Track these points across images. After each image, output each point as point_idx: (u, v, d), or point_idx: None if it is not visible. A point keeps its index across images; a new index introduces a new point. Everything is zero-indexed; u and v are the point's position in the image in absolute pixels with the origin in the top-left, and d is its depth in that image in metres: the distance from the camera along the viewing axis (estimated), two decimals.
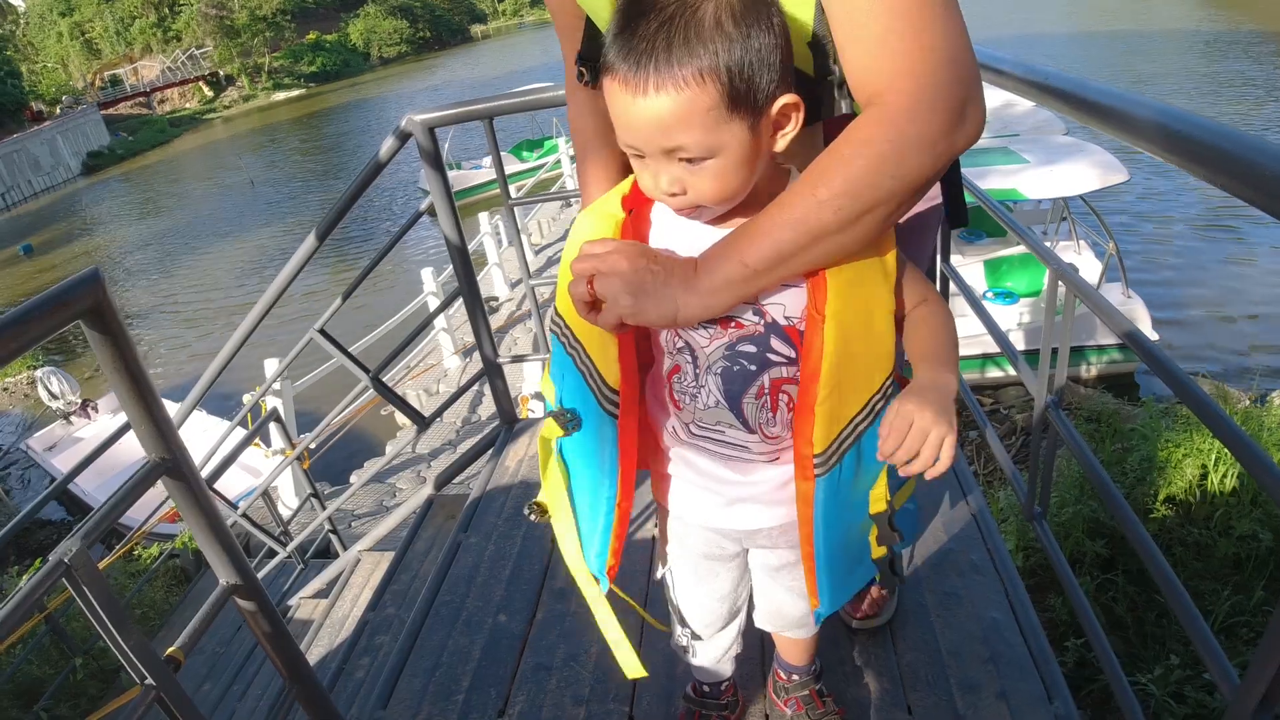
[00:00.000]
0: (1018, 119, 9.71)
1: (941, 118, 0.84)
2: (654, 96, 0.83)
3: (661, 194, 0.92)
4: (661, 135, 0.86)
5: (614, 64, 0.85)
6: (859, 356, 0.97)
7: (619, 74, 0.85)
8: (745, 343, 1.00)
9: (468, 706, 1.80)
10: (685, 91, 0.83)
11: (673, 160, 0.88)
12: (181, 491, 1.26)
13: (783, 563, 1.25)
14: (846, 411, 1.00)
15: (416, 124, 2.45)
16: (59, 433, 10.59)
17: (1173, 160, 0.99)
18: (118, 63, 55.62)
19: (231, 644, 4.23)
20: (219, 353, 3.06)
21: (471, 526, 2.42)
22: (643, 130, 0.87)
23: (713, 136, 0.86)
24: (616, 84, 0.86)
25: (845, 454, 1.02)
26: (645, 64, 0.83)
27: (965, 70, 0.85)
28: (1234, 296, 9.97)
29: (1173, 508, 4.25)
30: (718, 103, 0.84)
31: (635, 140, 0.89)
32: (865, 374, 0.99)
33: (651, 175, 0.91)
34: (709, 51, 0.82)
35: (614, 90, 0.87)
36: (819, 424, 0.99)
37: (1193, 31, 27.44)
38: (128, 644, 1.14)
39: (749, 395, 1.03)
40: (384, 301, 12.97)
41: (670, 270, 0.92)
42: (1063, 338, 1.82)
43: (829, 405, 0.98)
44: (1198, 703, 3.11)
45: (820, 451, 1.01)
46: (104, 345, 1.12)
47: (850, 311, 0.94)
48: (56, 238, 26.81)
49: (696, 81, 0.82)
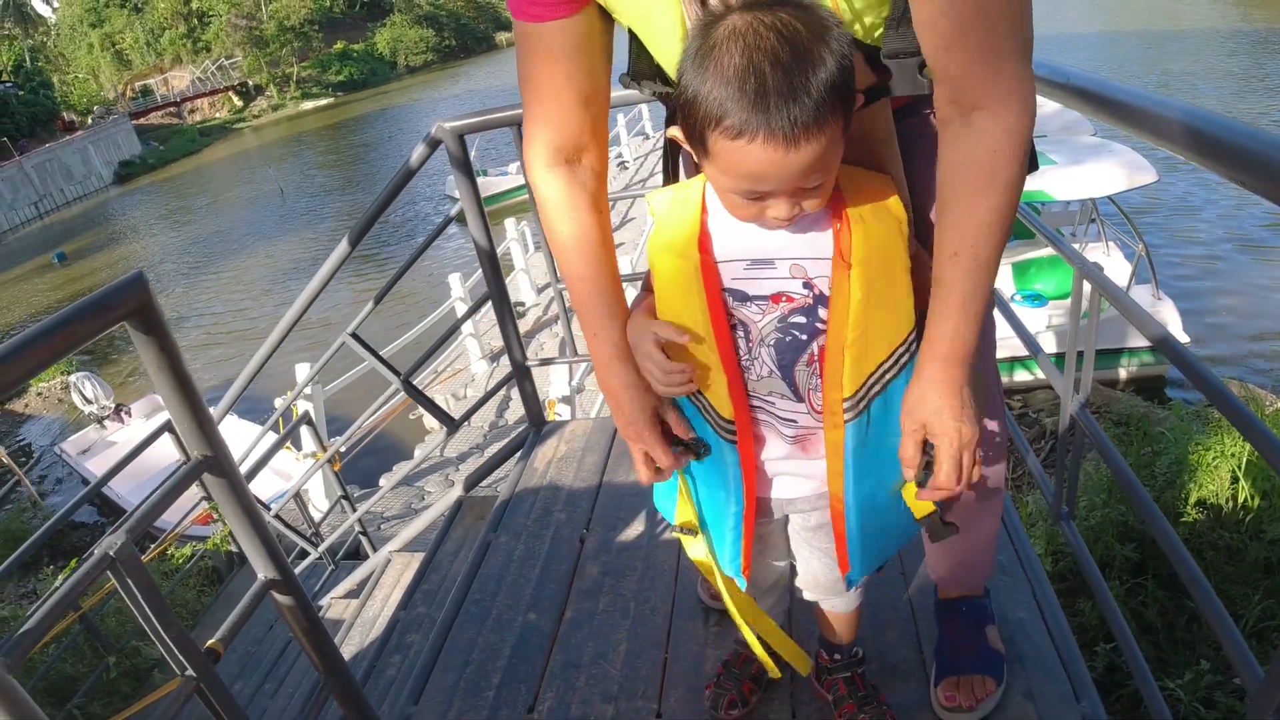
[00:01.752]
0: (1045, 120, 9.62)
1: (1032, 112, 0.94)
2: (805, 147, 0.86)
3: (774, 221, 0.96)
4: (804, 179, 0.90)
5: (754, 125, 0.86)
6: (883, 304, 1.03)
7: (759, 134, 0.86)
8: (796, 314, 1.06)
9: (498, 703, 1.82)
10: (827, 132, 0.87)
11: (799, 192, 0.93)
12: (222, 488, 1.30)
13: (817, 524, 1.29)
14: (875, 356, 1.06)
15: (446, 131, 2.48)
16: (93, 437, 10.76)
17: (1196, 160, 1.00)
18: (148, 73, 56.36)
19: (263, 644, 4.29)
20: (252, 358, 3.12)
21: (501, 526, 2.45)
22: (790, 179, 0.90)
23: (836, 159, 0.92)
24: (758, 144, 0.86)
25: (873, 401, 1.08)
26: (794, 117, 0.85)
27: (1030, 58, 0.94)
28: (1266, 302, 9.84)
29: (1203, 511, 4.21)
30: (841, 130, 0.90)
31: (775, 187, 0.92)
32: (892, 322, 1.06)
33: (762, 209, 0.95)
34: (827, 85, 0.85)
35: (753, 150, 0.87)
36: (848, 366, 1.05)
37: (1229, 31, 27.11)
38: (169, 635, 1.17)
39: (800, 364, 1.09)
40: (409, 311, 13.08)
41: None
42: (1089, 338, 1.82)
43: (857, 349, 1.04)
44: (1228, 708, 3.08)
45: (849, 395, 1.07)
46: (149, 346, 1.15)
47: (874, 260, 1.00)
48: (89, 246, 27.21)
49: (832, 121, 0.87)
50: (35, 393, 14.17)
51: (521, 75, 1.14)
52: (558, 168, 1.16)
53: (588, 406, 8.03)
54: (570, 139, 1.15)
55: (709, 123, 0.89)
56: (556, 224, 1.17)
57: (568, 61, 1.10)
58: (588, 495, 2.52)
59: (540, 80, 1.12)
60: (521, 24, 1.09)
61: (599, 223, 1.18)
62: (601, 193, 1.19)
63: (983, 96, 0.93)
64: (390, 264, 16.73)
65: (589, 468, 2.66)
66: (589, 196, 1.17)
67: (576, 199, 1.16)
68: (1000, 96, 0.92)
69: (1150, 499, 1.53)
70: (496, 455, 2.97)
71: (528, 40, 1.10)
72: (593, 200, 1.17)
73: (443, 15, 67.97)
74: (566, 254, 1.18)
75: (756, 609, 1.40)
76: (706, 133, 0.90)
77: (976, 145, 0.95)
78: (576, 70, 1.10)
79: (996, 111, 0.93)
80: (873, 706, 1.54)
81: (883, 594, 1.86)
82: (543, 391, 4.05)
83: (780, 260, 1.04)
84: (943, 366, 1.03)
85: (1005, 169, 0.95)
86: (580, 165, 1.17)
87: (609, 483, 2.56)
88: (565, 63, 1.10)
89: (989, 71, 0.91)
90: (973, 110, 0.94)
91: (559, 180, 1.16)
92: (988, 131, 0.94)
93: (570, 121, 1.13)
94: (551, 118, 1.13)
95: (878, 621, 1.80)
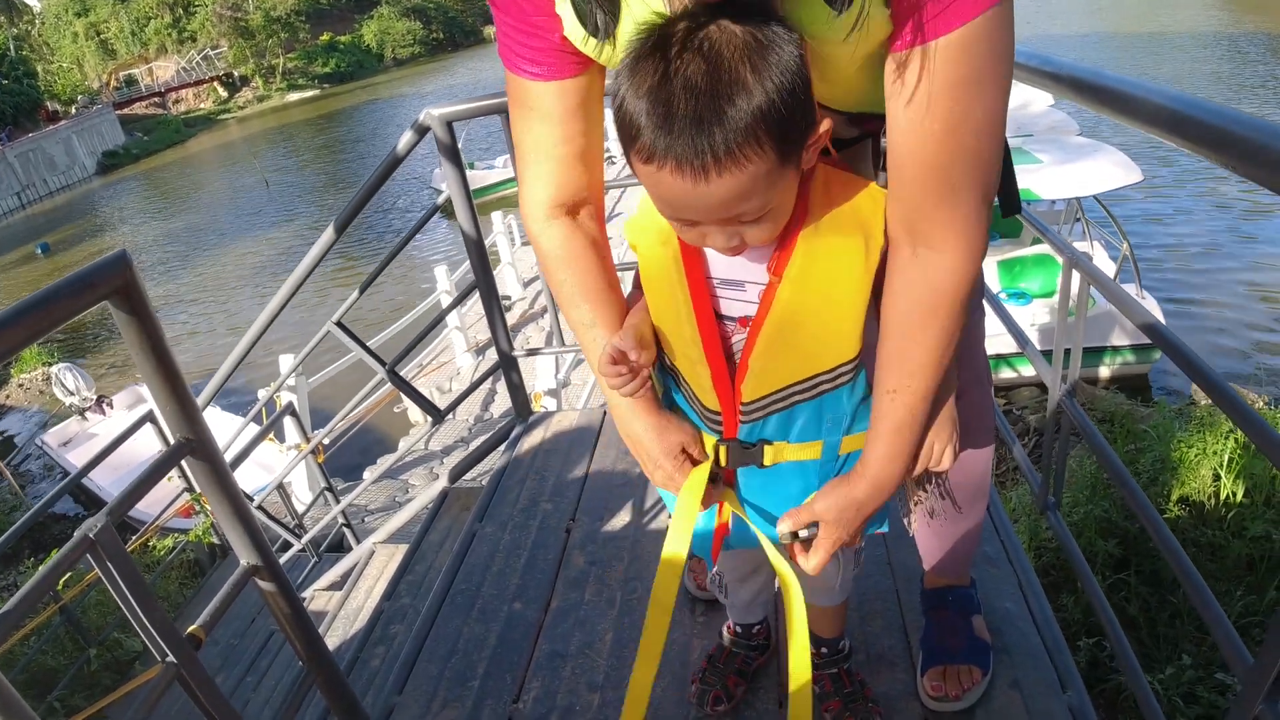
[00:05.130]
0: (1032, 119, 9.68)
1: (980, 255, 0.95)
2: (717, 181, 0.81)
3: (716, 249, 0.94)
4: (724, 210, 0.85)
5: (660, 151, 0.81)
6: (812, 330, 1.00)
7: (668, 162, 0.81)
8: None
9: (483, 692, 1.81)
10: (749, 167, 0.81)
11: (730, 222, 0.88)
12: (205, 472, 1.28)
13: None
14: (783, 375, 1.04)
15: (435, 118, 2.47)
16: (74, 428, 10.68)
17: (1183, 144, 1.00)
18: (133, 63, 55.99)
19: (245, 636, 4.26)
20: (235, 348, 3.09)
21: (487, 516, 2.44)
22: (710, 210, 0.86)
23: (771, 193, 0.86)
24: (667, 172, 0.82)
25: (771, 415, 1.07)
26: (701, 148, 0.79)
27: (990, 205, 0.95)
28: (1247, 301, 9.93)
29: (1186, 508, 4.24)
30: (774, 164, 0.83)
31: (697, 217, 0.88)
32: (813, 350, 1.02)
33: (701, 235, 0.91)
34: (750, 114, 0.79)
35: (664, 178, 0.83)
36: (750, 376, 1.03)
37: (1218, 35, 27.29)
38: (151, 621, 1.16)
39: None
40: (393, 304, 13.04)
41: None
42: (1077, 329, 1.83)
43: (763, 361, 1.02)
44: (1210, 703, 3.10)
45: (748, 400, 1.06)
46: (131, 326, 1.13)
47: (809, 283, 0.97)
48: (72, 236, 27.02)
49: (756, 154, 0.81)
50: (16, 384, 14.05)
51: (516, 133, 1.09)
52: (558, 220, 1.12)
53: (574, 399, 8.02)
54: (569, 196, 1.11)
55: (628, 141, 0.84)
56: (559, 273, 1.14)
57: (567, 124, 1.05)
58: (574, 485, 2.51)
59: (536, 140, 1.07)
60: (517, 79, 1.04)
61: (603, 269, 1.14)
62: (603, 237, 1.16)
63: (932, 233, 0.91)
64: (377, 258, 16.65)
65: (575, 458, 2.65)
66: (591, 243, 1.13)
67: (578, 247, 1.12)
68: (951, 239, 0.91)
69: (1139, 488, 1.53)
70: (482, 446, 2.96)
71: (524, 98, 1.05)
72: (594, 246, 1.14)
73: (430, 8, 67.73)
74: (574, 302, 1.14)
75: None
76: (628, 150, 0.85)
77: (920, 281, 0.94)
78: (575, 133, 1.06)
79: (944, 252, 0.92)
80: (859, 704, 1.53)
81: (869, 583, 1.86)
82: (529, 384, 4.04)
83: (749, 284, 1.01)
84: (864, 488, 1.06)
85: (945, 308, 0.95)
86: (580, 215, 1.14)
87: (595, 473, 2.56)
88: (564, 125, 1.05)
89: (943, 212, 0.90)
90: (921, 245, 0.93)
91: (559, 230, 1.12)
92: (933, 269, 0.93)
93: (569, 181, 1.09)
94: (550, 177, 1.09)
95: (865, 610, 1.80)
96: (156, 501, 5.06)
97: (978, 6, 0.79)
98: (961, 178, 0.88)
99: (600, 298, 1.13)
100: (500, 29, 1.01)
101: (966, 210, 0.90)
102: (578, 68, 1.01)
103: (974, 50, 0.81)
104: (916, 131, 0.86)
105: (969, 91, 0.83)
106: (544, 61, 1.00)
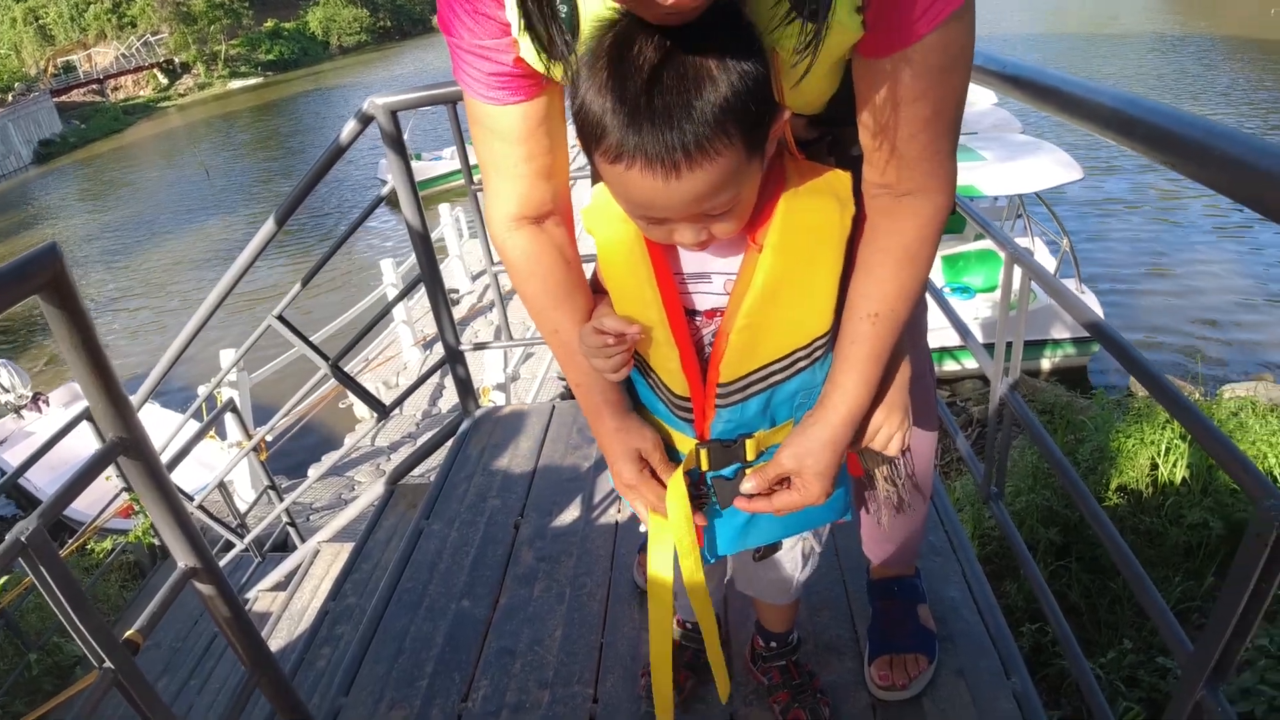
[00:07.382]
0: (976, 118, 9.84)
1: (955, 190, 0.97)
2: (688, 176, 0.79)
3: (683, 245, 0.92)
4: (695, 205, 0.83)
5: (629, 150, 0.79)
6: (794, 299, 0.99)
7: (637, 160, 0.79)
8: None
9: (431, 692, 1.79)
10: (719, 160, 0.79)
11: (699, 218, 0.87)
12: (140, 472, 1.24)
13: None
14: (765, 352, 1.02)
15: (379, 107, 2.42)
16: (10, 426, 10.34)
17: (1129, 145, 1.01)
18: (72, 49, 54.25)
19: (188, 639, 4.16)
20: (173, 342, 3.02)
21: (434, 513, 2.41)
22: (681, 207, 0.83)
23: (740, 185, 0.85)
24: (636, 171, 0.80)
25: (752, 398, 1.05)
26: (671, 144, 0.77)
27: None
28: (1187, 295, 10.22)
29: (1124, 497, 4.34)
30: (742, 155, 0.82)
31: (667, 214, 0.86)
32: (795, 319, 1.01)
33: (669, 232, 0.90)
34: (717, 108, 0.77)
35: (632, 176, 0.81)
36: (730, 352, 1.01)
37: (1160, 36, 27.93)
38: (86, 626, 1.12)
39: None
40: (338, 299, 12.85)
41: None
42: (1019, 323, 1.86)
43: (744, 337, 0.99)
44: (1150, 686, 3.18)
45: (726, 381, 1.03)
46: (62, 321, 1.09)
47: (792, 248, 0.96)
48: (8, 227, 26.17)
49: (726, 147, 0.79)
50: None
51: (477, 149, 1.07)
52: (523, 229, 1.10)
53: (523, 394, 7.98)
54: (534, 209, 1.09)
55: (592, 141, 0.82)
56: (527, 281, 1.11)
57: (528, 144, 1.03)
58: (523, 481, 2.49)
59: (498, 159, 1.05)
60: (476, 103, 1.01)
61: (571, 272, 1.12)
62: (571, 243, 1.14)
63: (919, 180, 0.94)
64: (318, 250, 16.41)
65: (524, 453, 2.63)
66: (557, 249, 1.11)
67: (544, 252, 1.10)
68: (934, 184, 0.94)
69: (1079, 478, 1.56)
70: (429, 442, 2.93)
71: (483, 119, 1.02)
72: (562, 252, 1.11)
73: None
74: (544, 309, 1.12)
75: (707, 601, 1.28)
76: (592, 150, 0.83)
77: (908, 222, 0.96)
78: (538, 150, 1.04)
79: (931, 193, 0.94)
80: (807, 695, 1.54)
81: (818, 574, 1.87)
82: (477, 379, 4.00)
83: (715, 275, 1.01)
84: (838, 422, 1.02)
85: (929, 243, 0.97)
86: (546, 223, 1.11)
87: (544, 467, 2.54)
88: (525, 145, 1.03)
89: (926, 168, 0.93)
90: (906, 194, 0.95)
91: (524, 237, 1.10)
92: (920, 212, 0.95)
93: (533, 195, 1.07)
94: (513, 193, 1.07)
95: (813, 601, 1.82)
96: (95, 502, 4.93)
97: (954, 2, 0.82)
98: (944, 134, 0.92)
99: (568, 303, 1.11)
100: (453, 53, 0.98)
101: (944, 156, 0.93)
102: (535, 89, 0.99)
103: (954, 38, 0.84)
104: (904, 116, 0.89)
105: (952, 73, 0.87)
106: (501, 86, 0.98)
